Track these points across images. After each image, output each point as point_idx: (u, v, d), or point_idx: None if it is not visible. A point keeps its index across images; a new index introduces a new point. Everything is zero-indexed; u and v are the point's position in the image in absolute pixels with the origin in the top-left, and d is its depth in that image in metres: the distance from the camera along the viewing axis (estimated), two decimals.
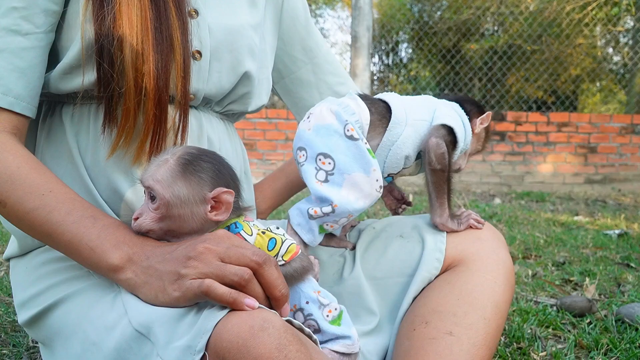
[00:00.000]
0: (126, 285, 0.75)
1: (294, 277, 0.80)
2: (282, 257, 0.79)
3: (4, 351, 1.25)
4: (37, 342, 1.29)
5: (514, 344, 1.34)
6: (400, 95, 1.02)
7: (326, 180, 0.90)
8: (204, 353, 0.63)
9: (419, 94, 7.48)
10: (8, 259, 0.96)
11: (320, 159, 0.90)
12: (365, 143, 0.91)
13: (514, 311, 1.58)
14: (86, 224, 0.77)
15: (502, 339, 1.38)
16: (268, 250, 0.78)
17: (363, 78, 5.45)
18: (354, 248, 1.02)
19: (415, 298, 0.93)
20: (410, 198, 4.28)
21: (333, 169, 0.89)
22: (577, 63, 6.95)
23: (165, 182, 0.75)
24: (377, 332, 0.93)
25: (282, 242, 0.79)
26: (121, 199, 0.87)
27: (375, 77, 7.29)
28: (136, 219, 0.77)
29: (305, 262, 0.82)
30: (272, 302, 0.71)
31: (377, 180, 0.91)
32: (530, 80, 6.82)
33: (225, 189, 0.75)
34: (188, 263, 0.69)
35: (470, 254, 0.92)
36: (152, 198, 0.76)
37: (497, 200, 4.55)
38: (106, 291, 0.78)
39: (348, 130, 0.89)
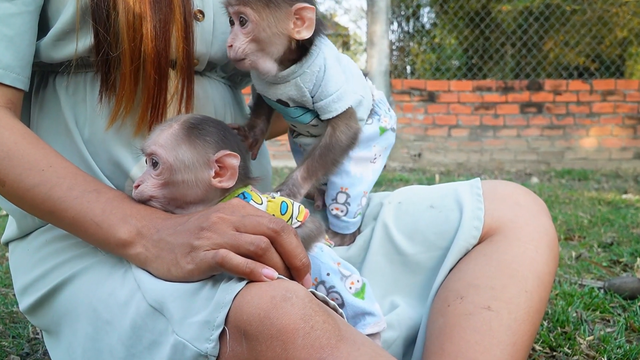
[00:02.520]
0: (136, 261, 0.77)
1: (311, 238, 0.84)
2: (296, 218, 0.82)
3: (4, 343, 1.29)
4: (38, 333, 1.34)
5: (558, 328, 1.35)
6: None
7: None
8: (224, 328, 0.65)
9: (443, 63, 7.32)
10: (7, 243, 0.98)
11: None
12: None
13: (556, 295, 1.59)
14: (90, 199, 0.79)
15: (545, 323, 1.38)
16: (281, 214, 0.80)
17: (381, 47, 5.41)
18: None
19: (449, 272, 0.93)
20: (437, 179, 4.27)
21: None
22: (623, 24, 6.80)
23: (168, 146, 0.77)
24: (407, 310, 0.94)
25: (293, 204, 0.83)
26: (124, 174, 0.88)
27: (394, 46, 7.22)
28: (137, 186, 0.80)
29: (317, 223, 0.86)
30: (292, 272, 0.73)
31: None
32: (570, 44, 6.70)
33: (230, 152, 0.77)
34: (201, 234, 0.71)
35: (508, 221, 0.92)
36: (155, 164, 0.78)
37: (535, 180, 4.51)
38: (115, 267, 0.81)
39: None
